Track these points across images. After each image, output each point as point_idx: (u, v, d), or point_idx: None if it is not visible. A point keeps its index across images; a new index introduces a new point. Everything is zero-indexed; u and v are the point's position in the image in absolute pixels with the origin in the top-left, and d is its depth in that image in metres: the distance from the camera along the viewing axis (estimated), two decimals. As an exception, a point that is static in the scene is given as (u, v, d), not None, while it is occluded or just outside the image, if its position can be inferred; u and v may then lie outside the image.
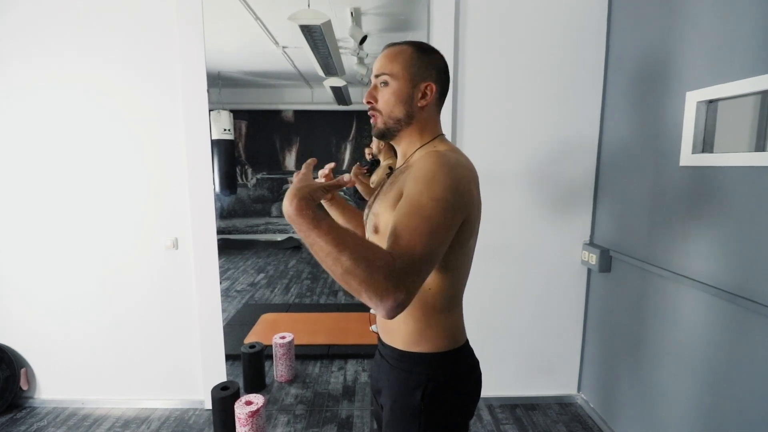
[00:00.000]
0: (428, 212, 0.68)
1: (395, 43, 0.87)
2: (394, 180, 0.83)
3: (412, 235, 0.65)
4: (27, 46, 1.93)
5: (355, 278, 0.59)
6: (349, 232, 0.63)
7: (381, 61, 0.85)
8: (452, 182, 0.72)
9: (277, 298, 4.04)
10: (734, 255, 1.27)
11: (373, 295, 0.60)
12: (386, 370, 0.90)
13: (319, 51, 3.59)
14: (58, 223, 2.06)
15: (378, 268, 0.59)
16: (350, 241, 0.61)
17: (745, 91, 1.24)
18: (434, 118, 0.89)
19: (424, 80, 0.84)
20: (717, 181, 1.34)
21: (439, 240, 0.68)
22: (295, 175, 0.73)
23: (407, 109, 0.84)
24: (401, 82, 0.83)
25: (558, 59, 1.97)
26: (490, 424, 2.03)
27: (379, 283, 0.59)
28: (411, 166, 0.80)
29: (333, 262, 0.60)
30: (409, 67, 0.83)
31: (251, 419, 1.78)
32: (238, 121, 6.51)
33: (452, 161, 0.76)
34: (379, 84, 0.85)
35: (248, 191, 6.91)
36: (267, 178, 6.88)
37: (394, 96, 0.84)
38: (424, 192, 0.70)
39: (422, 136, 0.87)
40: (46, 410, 2.14)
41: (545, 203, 2.06)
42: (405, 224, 0.67)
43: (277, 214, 6.98)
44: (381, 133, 0.88)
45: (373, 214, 0.85)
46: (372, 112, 0.87)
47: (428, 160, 0.76)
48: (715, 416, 1.35)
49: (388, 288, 0.59)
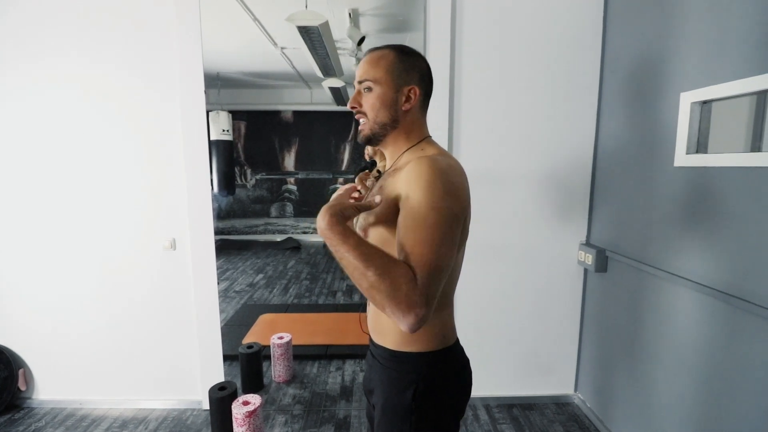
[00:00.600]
0: (432, 222, 0.70)
1: (377, 48, 0.87)
2: (384, 183, 0.83)
3: (423, 248, 0.68)
4: (25, 46, 1.93)
5: (379, 293, 0.65)
6: (375, 248, 0.69)
7: (363, 66, 0.85)
8: (449, 187, 0.73)
9: (276, 299, 4.04)
10: (729, 255, 1.28)
11: (396, 309, 0.65)
12: (378, 370, 0.91)
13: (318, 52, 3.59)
14: (56, 224, 2.06)
15: (400, 284, 0.65)
16: (376, 257, 0.67)
17: (738, 92, 1.25)
18: (420, 121, 0.89)
19: (407, 84, 0.85)
20: (711, 182, 1.34)
21: (449, 247, 0.71)
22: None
23: (392, 113, 0.85)
24: (384, 87, 0.84)
25: (554, 60, 1.98)
26: (487, 424, 2.04)
27: (401, 299, 0.65)
28: (400, 171, 0.80)
29: (360, 276, 0.66)
30: (392, 72, 0.84)
31: (248, 419, 1.79)
32: (236, 122, 6.52)
33: (444, 166, 0.76)
34: (363, 90, 0.86)
35: (247, 192, 6.91)
36: (266, 178, 6.88)
37: (378, 101, 0.84)
38: (423, 202, 0.71)
39: (408, 139, 0.88)
40: (44, 411, 2.14)
41: (541, 204, 2.07)
42: (413, 239, 0.70)
43: (276, 215, 6.99)
44: (367, 138, 0.88)
45: (362, 218, 0.86)
46: (359, 115, 0.88)
47: (420, 166, 0.75)
48: (711, 416, 1.35)
49: (410, 304, 0.65)
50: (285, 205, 6.97)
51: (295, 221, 7.00)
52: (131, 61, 1.95)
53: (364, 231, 0.84)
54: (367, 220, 0.83)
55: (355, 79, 0.88)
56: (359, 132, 0.88)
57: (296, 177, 6.90)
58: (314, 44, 3.33)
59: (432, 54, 1.94)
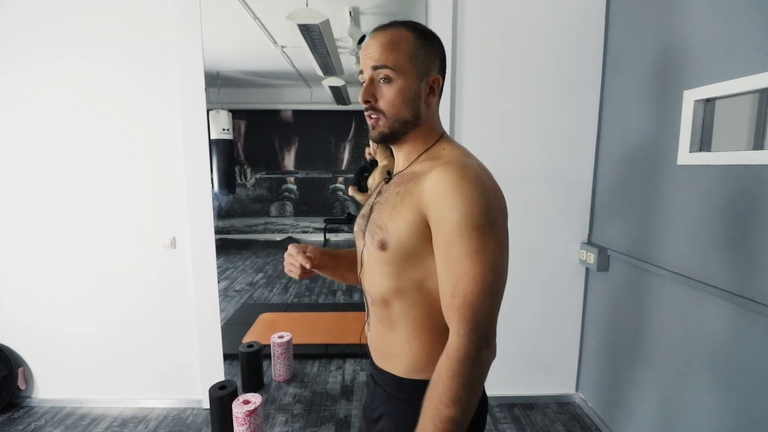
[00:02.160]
0: (477, 246, 0.62)
1: (388, 26, 0.72)
2: (401, 189, 0.72)
3: (471, 284, 0.62)
4: (24, 47, 1.92)
5: (476, 394, 0.63)
6: (429, 406, 0.63)
7: (378, 49, 0.69)
8: (488, 198, 0.63)
9: (276, 298, 4.04)
10: (733, 254, 1.27)
11: (484, 373, 0.64)
12: (382, 400, 0.80)
13: (318, 50, 3.59)
14: (55, 222, 2.05)
15: (469, 376, 0.61)
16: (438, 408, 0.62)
17: (743, 90, 1.24)
18: (438, 115, 0.78)
19: (429, 73, 0.72)
20: (715, 180, 1.33)
21: (501, 268, 0.64)
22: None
23: (415, 108, 0.72)
24: (408, 78, 0.70)
25: (556, 58, 1.97)
26: (488, 424, 2.03)
27: (476, 371, 0.62)
28: (422, 177, 0.69)
29: (462, 426, 0.63)
30: (415, 59, 0.70)
31: (249, 419, 1.78)
32: (237, 121, 6.51)
33: (477, 171, 0.66)
34: (380, 80, 0.70)
35: (247, 191, 6.90)
36: (266, 177, 6.87)
37: (400, 95, 0.70)
38: (462, 223, 0.62)
39: (427, 139, 0.76)
40: (43, 409, 2.13)
41: (543, 202, 2.06)
42: (457, 274, 0.63)
43: (276, 214, 6.98)
44: (384, 137, 0.74)
45: (377, 227, 0.73)
46: (371, 113, 0.72)
47: (449, 177, 0.64)
48: (713, 415, 1.34)
49: (475, 361, 0.62)
50: (285, 205, 6.96)
51: (294, 220, 6.99)
52: (131, 60, 1.94)
53: (381, 244, 0.72)
54: (385, 233, 0.71)
55: (365, 64, 0.71)
56: (372, 128, 0.74)
57: (296, 176, 6.89)
58: (315, 43, 3.33)
59: (433, 52, 1.93)
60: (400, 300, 0.73)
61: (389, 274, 0.72)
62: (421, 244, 0.68)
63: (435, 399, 0.61)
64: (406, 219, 0.68)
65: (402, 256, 0.70)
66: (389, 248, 0.71)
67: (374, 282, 0.76)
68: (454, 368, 0.60)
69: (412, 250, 0.69)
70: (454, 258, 0.63)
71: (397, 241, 0.70)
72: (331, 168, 6.88)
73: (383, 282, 0.74)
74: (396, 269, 0.72)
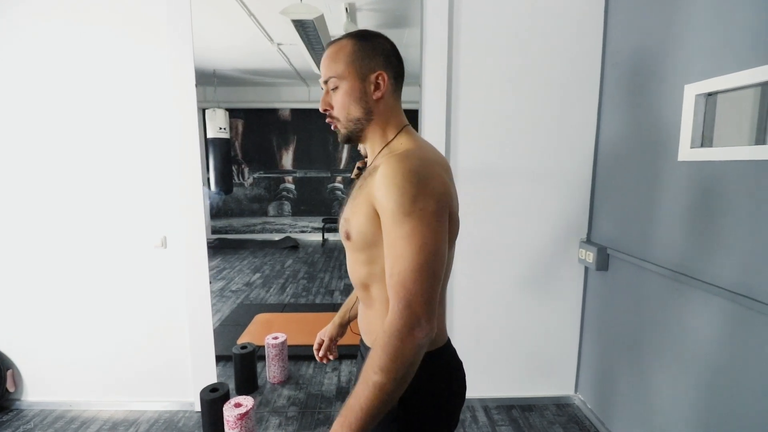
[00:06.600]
0: (409, 230, 0.67)
1: (334, 41, 0.81)
2: (362, 183, 0.79)
3: (404, 263, 0.66)
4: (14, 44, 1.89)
5: (404, 367, 0.66)
6: (360, 391, 0.67)
7: (324, 64, 0.80)
8: (421, 187, 0.68)
9: (273, 298, 4.00)
10: (734, 252, 1.24)
11: (408, 344, 0.65)
12: None
13: (314, 47, 3.56)
14: (43, 222, 2.01)
15: (391, 343, 0.65)
16: (368, 390, 0.66)
17: (744, 83, 1.20)
18: (395, 107, 0.84)
19: (372, 71, 0.79)
20: (717, 176, 1.30)
21: (434, 251, 0.68)
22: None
23: (363, 105, 0.80)
24: (350, 81, 0.79)
25: (554, 54, 1.93)
26: (486, 426, 1.99)
27: (400, 342, 0.65)
28: (374, 171, 0.75)
29: (390, 395, 0.66)
30: (354, 62, 0.78)
31: (240, 422, 1.74)
32: (234, 120, 6.47)
33: (414, 163, 0.71)
34: (331, 89, 0.81)
35: (245, 190, 6.87)
36: (264, 177, 6.84)
37: (347, 97, 0.79)
38: (396, 209, 0.68)
39: (386, 133, 0.83)
40: (33, 412, 2.09)
41: (541, 200, 2.03)
42: (393, 254, 0.68)
43: (274, 214, 6.95)
44: (346, 138, 0.83)
45: (344, 220, 0.81)
46: (330, 120, 0.83)
47: (388, 168, 0.70)
48: (713, 416, 1.31)
49: (407, 334, 0.65)
50: (283, 204, 6.93)
51: (293, 220, 6.96)
52: (121, 56, 1.90)
53: (346, 235, 0.80)
54: (348, 225, 0.79)
55: (320, 79, 0.83)
56: (337, 132, 0.84)
57: (294, 176, 6.86)
58: (310, 39, 3.30)
59: (429, 50, 1.90)
60: (374, 283, 0.81)
61: (361, 261, 0.80)
62: (377, 232, 0.74)
63: (367, 365, 0.66)
64: (363, 210, 0.75)
65: (364, 244, 0.77)
66: (353, 238, 0.78)
67: (352, 269, 0.85)
68: (385, 340, 0.65)
69: (370, 239, 0.76)
70: (392, 241, 0.69)
71: (358, 231, 0.77)
72: (329, 167, 6.85)
73: (357, 268, 0.82)
74: (365, 256, 0.79)
